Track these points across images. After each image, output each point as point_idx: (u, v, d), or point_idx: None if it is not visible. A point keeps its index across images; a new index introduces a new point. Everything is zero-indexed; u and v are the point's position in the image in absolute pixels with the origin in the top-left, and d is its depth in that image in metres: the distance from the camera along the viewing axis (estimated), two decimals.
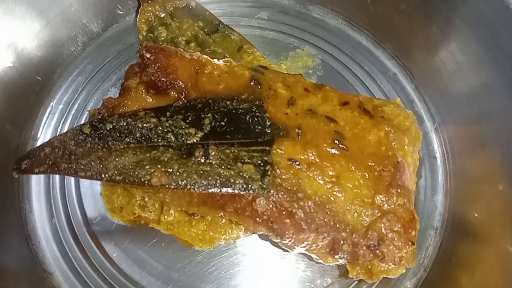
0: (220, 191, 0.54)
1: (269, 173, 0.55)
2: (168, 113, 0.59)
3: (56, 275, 0.65)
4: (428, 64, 0.76)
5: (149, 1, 0.79)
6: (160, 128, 0.58)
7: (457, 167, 0.72)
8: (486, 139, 0.67)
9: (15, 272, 0.62)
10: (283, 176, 0.56)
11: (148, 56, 0.62)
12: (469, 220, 0.67)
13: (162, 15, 0.79)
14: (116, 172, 0.55)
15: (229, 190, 0.54)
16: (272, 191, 0.55)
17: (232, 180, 0.54)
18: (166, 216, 0.65)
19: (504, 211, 0.61)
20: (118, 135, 0.57)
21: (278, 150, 0.57)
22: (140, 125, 0.58)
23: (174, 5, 0.79)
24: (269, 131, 0.58)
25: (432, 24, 0.72)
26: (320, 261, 0.60)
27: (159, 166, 0.55)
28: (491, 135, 0.66)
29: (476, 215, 0.66)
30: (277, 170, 0.56)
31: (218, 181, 0.54)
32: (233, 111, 0.60)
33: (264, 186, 0.55)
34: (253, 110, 0.60)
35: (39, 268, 0.65)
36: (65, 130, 0.73)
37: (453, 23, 0.70)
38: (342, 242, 0.57)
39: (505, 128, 0.63)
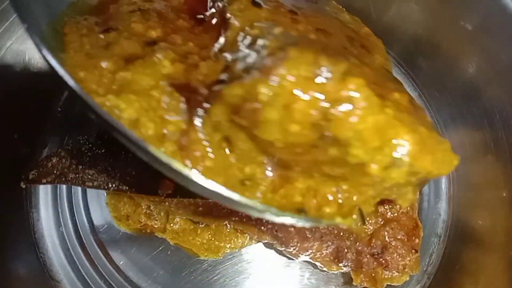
0: None
1: None
2: None
3: (63, 283, 0.65)
4: (431, 71, 0.77)
5: None
6: None
7: (461, 174, 0.72)
8: (489, 145, 0.67)
9: (23, 279, 0.63)
10: None
11: None
12: (473, 226, 0.67)
13: None
14: (122, 181, 0.56)
15: None
16: None
17: None
18: (172, 225, 0.65)
19: (508, 218, 0.62)
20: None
21: None
22: None
23: None
24: None
25: (436, 31, 0.73)
26: (325, 269, 0.60)
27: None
28: (494, 142, 0.66)
29: (479, 221, 0.66)
30: None
31: None
32: None
33: None
34: None
35: (47, 276, 0.66)
36: (72, 139, 0.74)
37: (456, 30, 0.70)
38: (346, 250, 0.57)
39: (508, 134, 0.64)
